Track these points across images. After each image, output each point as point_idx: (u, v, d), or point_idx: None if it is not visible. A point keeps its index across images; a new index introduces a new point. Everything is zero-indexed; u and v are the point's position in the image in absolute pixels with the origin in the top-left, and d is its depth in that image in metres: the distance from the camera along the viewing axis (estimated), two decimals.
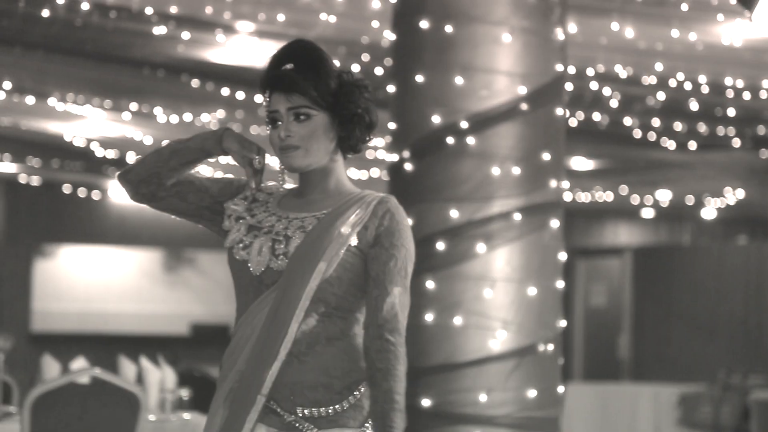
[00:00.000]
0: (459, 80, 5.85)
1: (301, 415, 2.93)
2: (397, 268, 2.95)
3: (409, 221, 5.90)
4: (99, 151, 12.66)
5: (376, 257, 2.96)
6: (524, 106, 5.86)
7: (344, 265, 2.95)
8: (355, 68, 8.72)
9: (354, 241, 2.97)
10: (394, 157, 6.04)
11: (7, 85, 9.76)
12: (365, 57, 8.52)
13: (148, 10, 7.73)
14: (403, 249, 2.97)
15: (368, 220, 2.98)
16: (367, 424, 2.95)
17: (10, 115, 11.34)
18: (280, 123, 3.01)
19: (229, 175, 3.26)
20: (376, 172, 12.98)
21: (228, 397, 2.96)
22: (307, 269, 2.93)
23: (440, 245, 5.80)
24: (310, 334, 2.94)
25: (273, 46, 8.22)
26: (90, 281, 15.94)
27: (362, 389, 2.95)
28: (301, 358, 2.93)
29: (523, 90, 5.86)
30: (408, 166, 5.94)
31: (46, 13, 7.74)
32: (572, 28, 7.38)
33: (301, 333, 2.93)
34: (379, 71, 8.52)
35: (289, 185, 3.13)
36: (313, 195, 3.05)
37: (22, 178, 15.08)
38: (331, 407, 2.93)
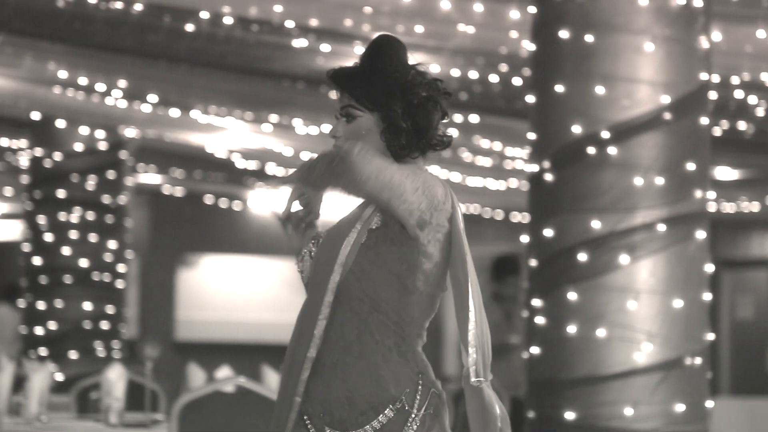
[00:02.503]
0: (600, 90, 5.80)
1: None
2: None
3: (550, 232, 5.90)
4: (240, 163, 12.85)
5: None
6: (667, 116, 5.78)
7: (367, 254, 2.84)
8: (494, 79, 8.69)
9: (375, 223, 2.86)
10: (534, 168, 6.00)
11: (153, 98, 9.97)
12: (503, 67, 8.48)
13: (289, 24, 7.82)
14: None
15: None
16: None
17: (155, 128, 11.59)
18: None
19: None
20: (514, 183, 12.92)
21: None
22: (327, 263, 2.85)
23: (582, 256, 5.74)
24: (343, 342, 2.85)
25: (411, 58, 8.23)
26: (231, 291, 16.18)
27: (390, 414, 2.81)
28: (334, 371, 2.84)
29: (666, 99, 5.79)
30: (548, 177, 5.90)
31: (190, 27, 7.88)
32: (716, 36, 7.24)
33: (335, 339, 2.85)
34: (517, 81, 8.48)
35: None
36: None
37: (166, 189, 15.39)
38: (353, 430, 2.81)
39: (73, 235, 10.92)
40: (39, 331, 10.86)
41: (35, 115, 10.99)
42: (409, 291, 2.84)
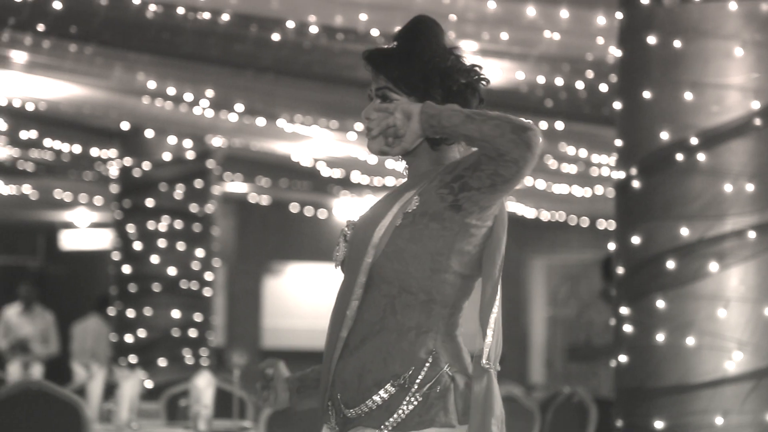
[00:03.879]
0: (688, 96, 5.74)
1: (341, 415, 2.82)
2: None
3: (637, 239, 5.85)
4: (325, 171, 12.92)
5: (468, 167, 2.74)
6: (758, 122, 5.71)
7: (402, 233, 2.77)
8: (580, 85, 8.65)
9: (412, 206, 2.78)
10: (620, 175, 5.96)
11: (239, 107, 10.06)
12: (590, 74, 8.44)
13: (374, 32, 7.84)
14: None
15: (432, 180, 2.79)
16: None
17: (242, 137, 11.70)
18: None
19: None
20: (600, 190, 12.83)
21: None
22: (362, 246, 2.80)
23: (670, 264, 5.69)
24: (366, 325, 2.81)
25: (497, 65, 8.23)
26: (317, 299, 16.26)
27: (391, 390, 2.75)
28: (354, 353, 2.81)
29: (756, 105, 5.72)
30: (635, 184, 5.86)
31: (276, 37, 7.94)
32: None
33: (360, 322, 2.81)
34: (604, 88, 8.43)
35: None
36: (411, 182, 2.90)
37: (252, 198, 15.51)
38: (358, 407, 2.77)
39: (162, 243, 11.05)
40: (128, 338, 11.01)
41: (124, 125, 11.16)
42: (443, 269, 2.78)
